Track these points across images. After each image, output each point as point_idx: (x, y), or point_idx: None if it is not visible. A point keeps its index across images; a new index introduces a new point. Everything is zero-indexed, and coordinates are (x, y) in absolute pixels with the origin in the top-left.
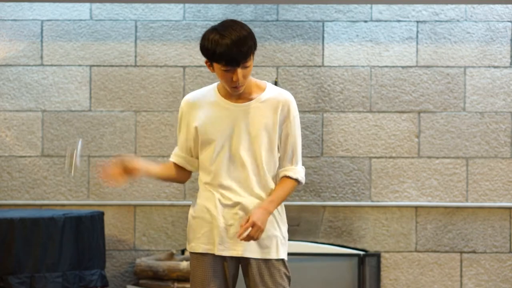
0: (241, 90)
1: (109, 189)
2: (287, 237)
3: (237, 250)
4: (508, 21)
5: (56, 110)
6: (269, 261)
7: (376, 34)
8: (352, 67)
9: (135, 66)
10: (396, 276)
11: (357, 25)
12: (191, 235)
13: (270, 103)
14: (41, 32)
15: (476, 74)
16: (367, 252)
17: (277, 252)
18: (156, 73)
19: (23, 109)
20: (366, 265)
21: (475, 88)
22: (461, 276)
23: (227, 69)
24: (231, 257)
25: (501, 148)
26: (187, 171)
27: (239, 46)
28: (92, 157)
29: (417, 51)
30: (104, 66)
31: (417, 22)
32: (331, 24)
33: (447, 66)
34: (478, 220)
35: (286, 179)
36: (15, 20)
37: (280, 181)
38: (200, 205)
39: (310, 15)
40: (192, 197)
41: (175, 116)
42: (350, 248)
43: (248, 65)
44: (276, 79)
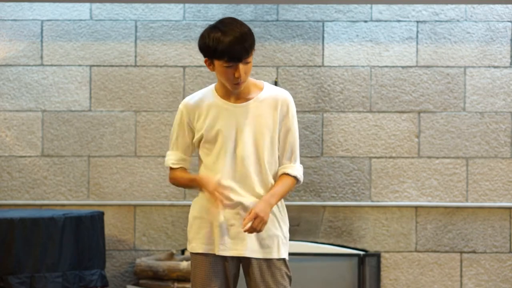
0: (242, 87)
1: (109, 189)
2: (288, 236)
3: (238, 250)
4: (508, 21)
5: (56, 110)
6: (271, 260)
7: (376, 34)
8: (352, 67)
9: (135, 66)
10: (396, 276)
11: (357, 25)
12: (192, 235)
13: (269, 101)
14: (41, 32)
15: (476, 74)
16: (367, 252)
17: (279, 252)
18: (156, 73)
19: (23, 109)
20: (366, 265)
21: (475, 88)
22: (461, 276)
23: (230, 65)
24: (232, 257)
25: (501, 148)
26: None
27: (242, 42)
28: (92, 157)
29: (417, 51)
30: (104, 66)
31: (417, 22)
32: (331, 24)
33: (447, 66)
34: (478, 220)
35: (286, 176)
36: (15, 20)
37: (279, 178)
38: (201, 205)
39: (310, 15)
40: (192, 197)
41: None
42: (350, 248)
43: (249, 61)
44: (276, 79)
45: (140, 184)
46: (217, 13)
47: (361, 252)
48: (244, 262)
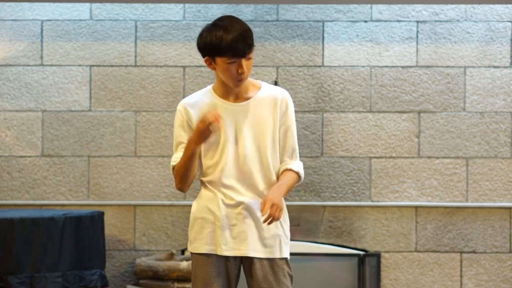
0: (243, 83)
1: (109, 189)
2: (289, 236)
3: (241, 250)
4: (508, 21)
5: (56, 110)
6: (273, 260)
7: (376, 34)
8: (352, 67)
9: (135, 66)
10: (396, 276)
11: (357, 25)
12: (194, 235)
13: (269, 100)
14: (41, 32)
15: (476, 74)
16: (367, 252)
17: (281, 251)
18: (156, 73)
19: (23, 109)
20: (366, 265)
21: (475, 88)
22: (461, 276)
23: (233, 61)
24: (235, 257)
25: (501, 148)
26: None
27: (245, 38)
28: (92, 157)
29: (417, 51)
30: (104, 66)
31: (417, 22)
32: (331, 24)
33: (447, 66)
34: (478, 220)
35: (289, 171)
36: (15, 20)
37: (282, 173)
38: (203, 206)
39: (310, 15)
40: (192, 197)
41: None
42: (350, 248)
43: (251, 57)
44: (276, 79)
45: (140, 184)
46: (217, 13)
47: (361, 252)
48: (246, 262)
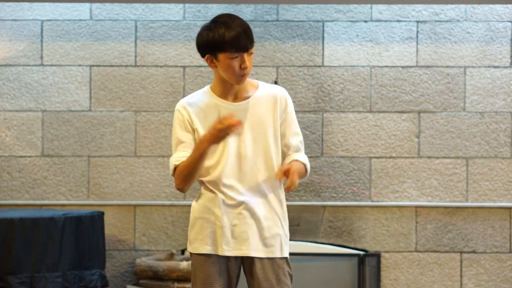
0: (245, 80)
1: (109, 189)
2: (288, 235)
3: (242, 250)
4: (508, 21)
5: (56, 110)
6: (274, 259)
7: (376, 34)
8: (352, 67)
9: (135, 66)
10: (396, 276)
11: (357, 25)
12: (194, 236)
13: (268, 98)
14: (41, 32)
15: (476, 74)
16: (367, 252)
17: (281, 251)
18: (156, 73)
19: (23, 109)
20: (366, 265)
21: (475, 88)
22: (461, 276)
23: (235, 56)
24: (235, 257)
25: (501, 148)
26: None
27: (247, 33)
28: (92, 157)
29: (417, 51)
30: (104, 66)
31: (417, 22)
32: (331, 24)
33: (447, 66)
34: (478, 220)
35: (296, 161)
36: (15, 20)
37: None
38: (203, 206)
39: (310, 15)
40: (192, 197)
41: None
42: (350, 248)
43: (252, 52)
44: (276, 79)
45: (140, 184)
46: (217, 13)
47: (361, 252)
48: (246, 262)
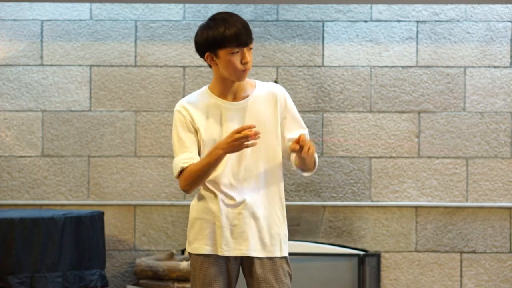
0: (246, 76)
1: (109, 189)
2: (287, 235)
3: (242, 250)
4: (508, 21)
5: (56, 110)
6: (273, 259)
7: (376, 34)
8: (352, 67)
9: (135, 66)
10: (396, 276)
11: (357, 25)
12: (193, 236)
13: (266, 96)
14: (41, 32)
15: (476, 74)
16: (367, 252)
17: (281, 250)
18: (156, 73)
19: (23, 109)
20: (366, 265)
21: (475, 88)
22: (461, 276)
23: (236, 51)
24: (235, 257)
25: (501, 148)
26: None
27: (246, 27)
28: (92, 157)
29: (417, 51)
30: (104, 66)
31: (417, 22)
32: (331, 24)
33: (447, 66)
34: (478, 220)
35: None
36: (15, 20)
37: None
38: (202, 206)
39: (310, 15)
40: (193, 197)
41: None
42: (350, 248)
43: (252, 47)
44: (276, 79)
45: (140, 184)
46: None
47: (361, 252)
48: (246, 262)
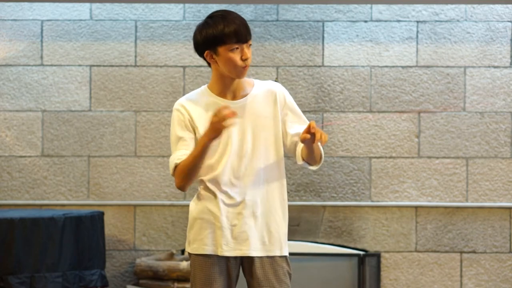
0: (246, 72)
1: (109, 189)
2: (287, 234)
3: (242, 250)
4: (508, 21)
5: (56, 110)
6: (273, 258)
7: (376, 34)
8: (352, 67)
9: (135, 66)
10: (396, 276)
11: (357, 25)
12: (193, 236)
13: (266, 94)
14: (41, 32)
15: (476, 74)
16: (367, 252)
17: (281, 250)
18: (156, 73)
19: (23, 109)
20: (366, 265)
21: (475, 88)
22: (461, 276)
23: (236, 47)
24: (235, 257)
25: (501, 148)
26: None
27: (245, 24)
28: (92, 157)
29: (417, 51)
30: (104, 66)
31: (417, 22)
32: (331, 24)
33: (447, 66)
34: (478, 220)
35: None
36: (15, 20)
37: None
38: (202, 206)
39: (310, 15)
40: (192, 197)
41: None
42: (350, 248)
43: (251, 43)
44: (276, 79)
45: (140, 184)
46: None
47: (361, 252)
48: (246, 261)
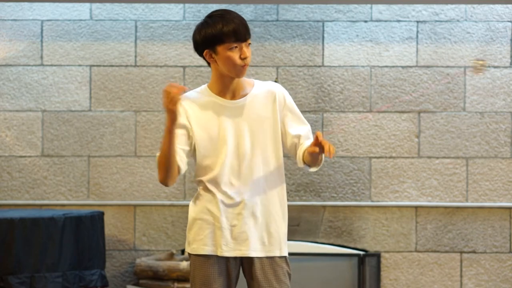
0: (245, 71)
1: (109, 189)
2: (287, 234)
3: (242, 250)
4: (508, 21)
5: (56, 110)
6: (273, 258)
7: (376, 34)
8: (352, 67)
9: (135, 66)
10: (396, 276)
11: (357, 25)
12: (193, 237)
13: (265, 94)
14: (41, 32)
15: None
16: (367, 252)
17: (280, 250)
18: (156, 73)
19: (23, 109)
20: (366, 265)
21: (475, 88)
22: (461, 276)
23: (235, 46)
24: (235, 258)
25: (501, 148)
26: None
27: (244, 23)
28: (92, 157)
29: (417, 51)
30: (104, 66)
31: (417, 22)
32: (331, 24)
33: (447, 66)
34: (478, 220)
35: None
36: (15, 20)
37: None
38: (201, 206)
39: (310, 15)
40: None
41: None
42: (350, 248)
43: (250, 42)
44: (276, 79)
45: (140, 184)
46: None
47: (361, 252)
48: (246, 262)
